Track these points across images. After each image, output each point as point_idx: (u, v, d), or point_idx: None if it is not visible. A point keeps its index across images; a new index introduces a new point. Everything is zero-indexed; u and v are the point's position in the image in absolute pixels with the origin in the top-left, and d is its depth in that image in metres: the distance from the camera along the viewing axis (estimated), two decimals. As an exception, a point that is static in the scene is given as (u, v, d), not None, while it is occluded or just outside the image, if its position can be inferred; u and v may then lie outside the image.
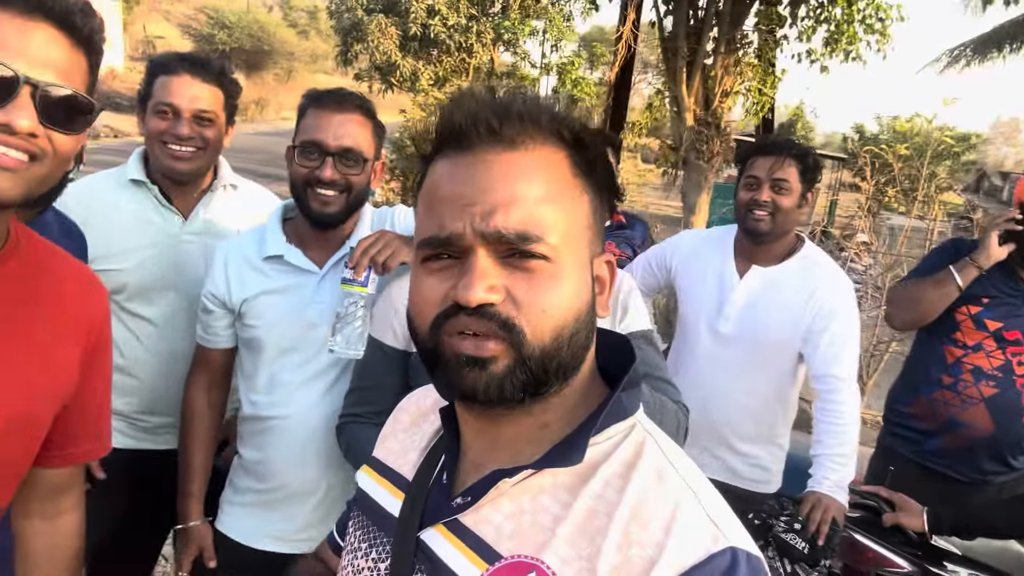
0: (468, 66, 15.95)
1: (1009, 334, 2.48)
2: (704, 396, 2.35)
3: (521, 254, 0.72)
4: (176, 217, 2.00)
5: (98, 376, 1.21)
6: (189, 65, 1.91)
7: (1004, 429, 2.48)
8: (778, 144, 2.36)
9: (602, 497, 0.74)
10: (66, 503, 1.27)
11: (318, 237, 1.76)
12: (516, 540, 0.75)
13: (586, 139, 0.78)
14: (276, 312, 1.74)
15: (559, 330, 0.73)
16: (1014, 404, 2.48)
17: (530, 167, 0.74)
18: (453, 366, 0.73)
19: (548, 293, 0.72)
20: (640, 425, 0.81)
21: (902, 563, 2.27)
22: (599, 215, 0.80)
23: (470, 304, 0.70)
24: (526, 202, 0.72)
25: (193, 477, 1.83)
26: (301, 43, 36.46)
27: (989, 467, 2.53)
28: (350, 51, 16.33)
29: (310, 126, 1.66)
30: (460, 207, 0.73)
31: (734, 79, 5.90)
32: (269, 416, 1.77)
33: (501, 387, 0.72)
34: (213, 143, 1.96)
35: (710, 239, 2.56)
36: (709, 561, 0.68)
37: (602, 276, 0.81)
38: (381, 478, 0.94)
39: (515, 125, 0.74)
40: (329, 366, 1.75)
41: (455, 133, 0.75)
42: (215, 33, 32.69)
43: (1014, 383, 2.48)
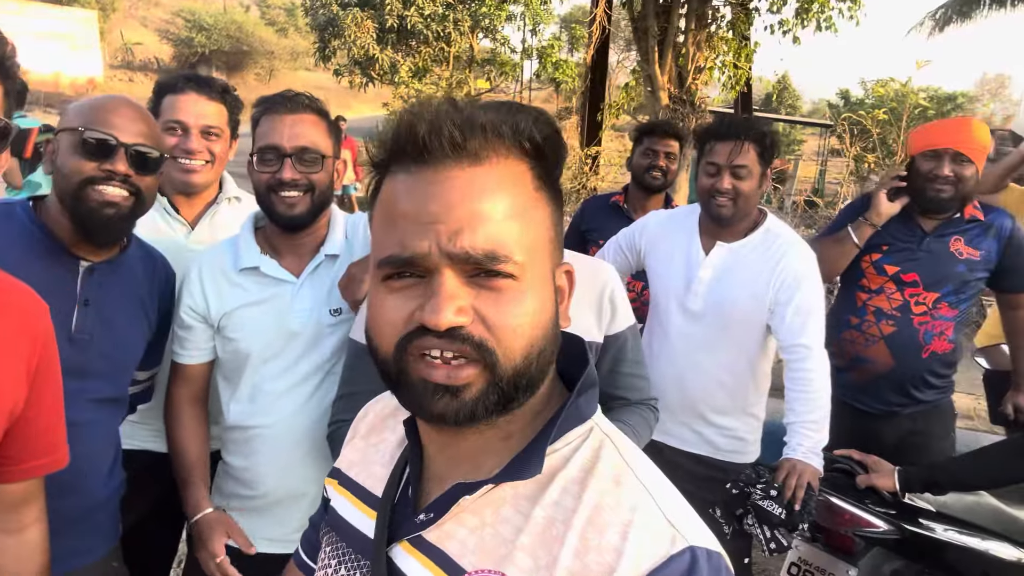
0: (447, 55, 15.89)
1: (906, 276, 2.66)
2: (679, 372, 2.42)
3: (487, 273, 0.70)
4: (183, 227, 2.10)
5: (47, 390, 1.24)
6: (195, 84, 2.05)
7: (903, 363, 2.67)
8: (735, 127, 2.39)
9: (559, 504, 0.74)
10: (28, 517, 1.28)
11: (291, 244, 1.77)
12: (479, 554, 0.75)
13: (546, 149, 0.76)
14: (257, 324, 1.75)
15: (529, 348, 0.72)
16: (912, 340, 2.66)
17: (495, 183, 0.72)
18: (421, 391, 0.72)
19: (516, 312, 0.71)
20: (598, 427, 0.80)
21: (878, 523, 2.33)
22: (558, 225, 0.80)
23: (439, 327, 0.68)
24: (492, 220, 0.70)
25: (192, 469, 1.80)
26: (280, 41, 36.21)
27: (893, 399, 2.72)
28: (328, 47, 16.26)
29: (264, 132, 1.69)
30: (423, 225, 0.70)
31: (707, 55, 5.90)
32: (253, 425, 1.77)
33: (473, 411, 0.71)
34: (220, 156, 2.10)
35: (675, 218, 2.61)
36: (668, 563, 0.67)
37: (562, 286, 0.80)
38: (346, 491, 0.94)
39: (479, 139, 0.71)
40: (311, 373, 1.77)
41: (416, 147, 0.71)
42: (193, 36, 32.47)
43: (911, 321, 2.65)
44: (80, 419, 1.55)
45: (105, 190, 1.52)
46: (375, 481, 0.91)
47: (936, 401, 2.74)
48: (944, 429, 2.78)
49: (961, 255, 2.62)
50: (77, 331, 1.56)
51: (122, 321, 1.66)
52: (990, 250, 2.62)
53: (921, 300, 2.65)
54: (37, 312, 1.23)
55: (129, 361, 1.71)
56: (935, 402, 2.74)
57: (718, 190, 2.33)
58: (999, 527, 2.36)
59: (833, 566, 2.40)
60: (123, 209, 1.55)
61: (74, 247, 1.58)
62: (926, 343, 2.66)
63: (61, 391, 1.29)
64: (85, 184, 1.51)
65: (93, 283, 1.59)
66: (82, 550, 1.63)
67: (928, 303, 2.64)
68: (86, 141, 1.51)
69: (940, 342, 2.67)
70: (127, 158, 1.52)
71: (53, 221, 1.57)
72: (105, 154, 1.51)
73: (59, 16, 26.38)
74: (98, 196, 1.52)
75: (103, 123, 1.52)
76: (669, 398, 2.34)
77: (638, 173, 3.32)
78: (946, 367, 2.73)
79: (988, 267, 2.63)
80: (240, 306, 1.76)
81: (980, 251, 2.62)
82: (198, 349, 1.82)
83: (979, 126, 2.65)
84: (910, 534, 2.31)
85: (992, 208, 2.70)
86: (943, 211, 2.64)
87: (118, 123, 1.53)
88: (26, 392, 1.19)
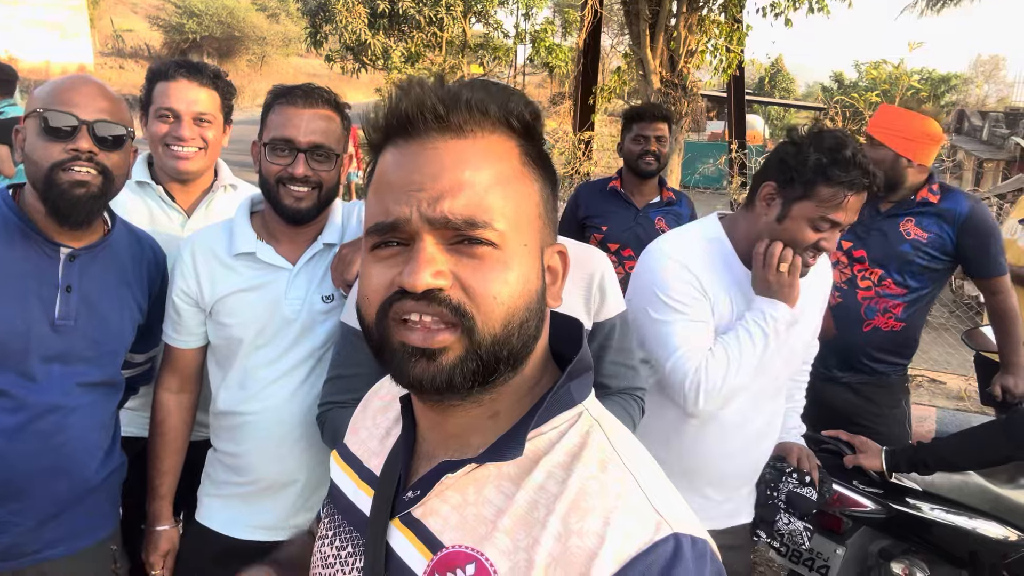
0: (440, 40, 15.79)
1: (856, 252, 2.80)
2: (747, 436, 1.96)
3: (469, 240, 0.71)
4: (179, 215, 2.11)
5: None
6: (186, 71, 2.04)
7: (844, 334, 2.78)
8: None
9: (543, 488, 0.74)
10: None
11: (289, 232, 1.77)
12: (459, 531, 0.75)
13: (535, 130, 0.78)
14: (251, 310, 1.74)
15: (509, 317, 0.72)
16: (854, 313, 2.79)
17: (478, 154, 0.73)
18: (400, 356, 0.73)
19: (497, 280, 0.71)
20: (588, 413, 0.80)
21: (866, 502, 2.36)
22: (550, 205, 0.80)
23: (416, 289, 0.69)
24: (474, 188, 0.71)
25: (164, 480, 1.84)
26: (272, 27, 35.87)
27: (835, 366, 2.85)
28: (319, 33, 16.14)
29: (279, 122, 1.67)
30: (407, 193, 0.72)
31: (699, 38, 5.89)
32: (243, 412, 1.77)
33: (451, 378, 0.72)
34: (213, 143, 2.08)
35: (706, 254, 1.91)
36: (652, 550, 0.67)
37: (554, 266, 0.80)
38: (346, 466, 0.95)
39: (462, 113, 0.73)
40: (302, 360, 1.77)
41: (401, 121, 0.74)
42: (184, 22, 32.16)
43: (855, 295, 2.80)
44: (69, 403, 1.57)
45: (73, 171, 1.51)
46: (370, 455, 0.92)
47: (883, 374, 2.84)
48: (894, 401, 2.88)
49: (908, 235, 2.71)
50: (60, 317, 1.56)
51: (107, 306, 1.66)
52: (941, 234, 2.68)
53: (867, 276, 2.78)
54: None
55: (117, 345, 1.71)
56: (881, 376, 2.84)
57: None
58: (986, 506, 2.39)
59: (821, 546, 2.43)
60: (92, 188, 1.54)
61: (53, 233, 1.57)
62: (868, 317, 2.77)
63: None
64: (54, 168, 1.50)
65: (75, 269, 1.60)
66: (80, 532, 1.64)
67: (873, 279, 2.76)
68: (47, 123, 1.50)
69: (885, 319, 2.76)
70: (90, 136, 1.52)
71: (30, 208, 1.57)
72: (67, 134, 1.50)
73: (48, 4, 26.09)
74: (67, 177, 1.51)
75: (63, 103, 1.52)
76: (732, 474, 1.97)
77: (631, 160, 3.30)
78: (894, 345, 2.81)
79: (942, 251, 2.69)
80: (234, 291, 1.75)
81: (928, 233, 2.70)
82: (190, 334, 1.83)
83: (894, 111, 2.77)
84: (897, 513, 2.34)
85: (950, 192, 2.76)
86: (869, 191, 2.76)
87: (78, 101, 1.52)
88: None
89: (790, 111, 26.22)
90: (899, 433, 2.81)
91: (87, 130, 1.52)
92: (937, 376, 6.29)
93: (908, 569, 2.35)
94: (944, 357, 6.35)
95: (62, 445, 1.56)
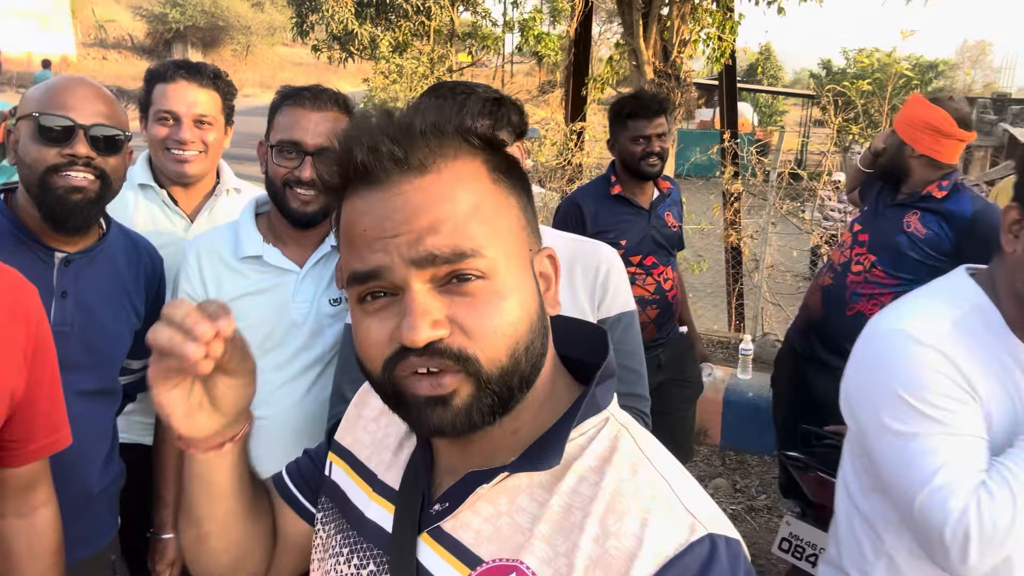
0: (428, 29, 15.68)
1: (862, 236, 2.80)
2: None
3: (459, 278, 0.70)
4: (182, 220, 2.08)
5: (45, 371, 1.26)
6: (185, 72, 2.01)
7: (829, 315, 2.82)
8: None
9: (577, 492, 0.74)
10: (38, 498, 1.31)
11: (296, 235, 1.75)
12: (496, 543, 0.74)
13: (497, 140, 0.76)
14: (259, 313, 1.72)
15: (514, 347, 0.71)
16: (840, 295, 2.79)
17: (448, 187, 0.71)
18: (415, 407, 0.72)
19: (494, 314, 0.70)
20: (613, 418, 0.80)
21: (868, 496, 2.36)
22: (530, 212, 0.79)
23: (417, 345, 0.68)
24: (452, 220, 0.70)
25: (170, 487, 1.83)
26: (257, 16, 35.54)
27: (819, 348, 2.84)
28: (305, 22, 15.99)
29: (286, 124, 1.66)
30: (383, 240, 0.70)
31: (691, 27, 5.86)
32: None
33: (469, 417, 0.71)
34: (214, 145, 2.06)
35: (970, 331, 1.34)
36: (689, 551, 0.68)
37: (546, 272, 0.79)
38: (356, 476, 0.92)
39: (421, 148, 0.70)
40: (311, 364, 1.75)
41: (359, 171, 0.71)
42: (167, 12, 31.84)
43: (845, 278, 2.80)
44: (68, 413, 1.54)
45: (70, 176, 1.48)
46: (384, 468, 0.90)
47: None
48: None
49: (908, 227, 2.70)
50: (57, 324, 1.53)
51: (104, 311, 1.63)
52: (940, 234, 2.63)
53: (861, 260, 2.78)
54: (27, 294, 1.23)
55: (114, 352, 1.68)
56: None
57: None
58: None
59: (824, 540, 2.42)
60: (90, 193, 1.51)
61: (47, 238, 1.54)
62: (852, 302, 2.77)
63: (58, 372, 1.30)
64: (49, 172, 1.47)
65: (70, 274, 1.56)
66: (79, 542, 1.61)
67: (866, 264, 2.77)
68: (44, 127, 1.47)
69: (869, 305, 2.73)
70: (87, 140, 1.49)
71: (23, 212, 1.54)
72: (64, 138, 1.48)
73: (28, -7, 25.75)
74: (63, 182, 1.48)
75: (60, 106, 1.48)
76: None
77: (631, 162, 2.90)
78: None
79: (938, 250, 2.63)
80: (241, 295, 1.73)
81: (928, 230, 2.65)
82: None
83: (912, 101, 2.79)
84: (900, 507, 2.34)
85: (958, 193, 2.66)
86: (883, 178, 2.83)
87: (75, 104, 1.49)
88: (26, 375, 1.20)
89: (779, 99, 26.25)
90: None
91: (84, 134, 1.49)
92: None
93: (911, 563, 2.35)
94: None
95: (61, 455, 1.53)
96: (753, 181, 7.01)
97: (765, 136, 15.18)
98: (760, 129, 19.44)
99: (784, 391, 3.07)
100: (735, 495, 4.18)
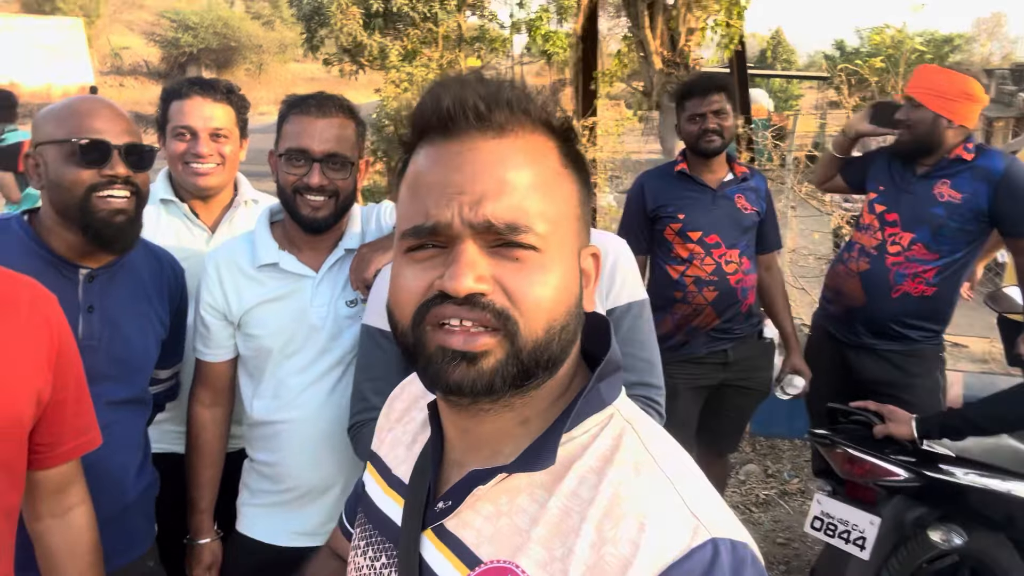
0: (436, 35, 15.74)
1: (889, 216, 2.75)
2: None
3: (510, 244, 0.70)
4: (203, 232, 2.14)
5: (70, 374, 1.30)
6: (199, 88, 2.07)
7: (873, 301, 2.77)
8: None
9: (576, 495, 0.72)
10: (72, 498, 1.36)
11: (310, 241, 1.78)
12: (495, 544, 0.74)
13: (573, 131, 0.77)
14: (278, 320, 1.76)
15: (551, 323, 0.71)
16: (883, 279, 2.74)
17: (519, 154, 0.71)
18: (438, 360, 0.71)
19: (539, 284, 0.70)
20: (619, 414, 0.78)
21: (898, 471, 2.35)
22: (586, 206, 0.79)
23: (459, 293, 0.68)
24: (515, 190, 0.70)
25: (203, 493, 1.86)
26: (268, 34, 35.92)
27: (864, 334, 2.83)
28: (315, 36, 16.12)
29: (294, 132, 1.69)
30: (447, 195, 0.70)
31: (698, 15, 5.84)
32: (277, 420, 1.78)
33: (491, 382, 0.70)
34: (230, 158, 2.11)
35: None
36: (689, 557, 0.65)
37: (587, 269, 0.78)
38: (378, 476, 0.94)
39: (504, 111, 0.71)
40: (333, 366, 1.78)
41: (441, 119, 0.72)
42: (180, 36, 32.26)
43: (884, 260, 2.74)
44: (99, 423, 1.58)
45: (112, 199, 1.53)
46: (398, 462, 0.91)
47: (917, 343, 2.77)
48: (925, 370, 2.80)
49: (942, 197, 2.65)
50: (84, 338, 1.57)
51: (130, 323, 1.67)
52: (976, 192, 2.60)
53: (897, 240, 2.72)
54: (47, 301, 1.28)
55: (142, 362, 1.72)
56: (915, 344, 2.77)
57: None
58: (1020, 467, 2.36)
59: (856, 517, 2.41)
60: (130, 213, 1.57)
61: (73, 255, 1.58)
62: (896, 283, 2.71)
63: (83, 374, 1.34)
64: (89, 193, 1.51)
65: (95, 289, 1.61)
66: (117, 551, 1.65)
67: (903, 243, 2.71)
68: (80, 149, 1.50)
69: (915, 284, 2.69)
70: (122, 159, 1.54)
71: (49, 233, 1.58)
72: (102, 159, 1.52)
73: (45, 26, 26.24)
74: (106, 206, 1.53)
75: (90, 129, 1.52)
76: None
77: (691, 141, 2.92)
78: (925, 311, 2.73)
79: (977, 211, 2.61)
80: (260, 302, 1.77)
81: (963, 194, 2.62)
82: (220, 347, 1.84)
83: (936, 72, 2.70)
84: (930, 480, 2.32)
85: (986, 150, 2.69)
86: (905, 155, 2.77)
87: (104, 127, 1.53)
88: (51, 379, 1.24)
89: (793, 82, 26.00)
90: (930, 403, 2.72)
91: (119, 153, 1.54)
92: (959, 340, 6.23)
93: (945, 535, 2.33)
94: (966, 320, 6.29)
95: (95, 465, 1.57)
96: (770, 166, 6.96)
97: (781, 120, 15.03)
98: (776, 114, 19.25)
99: (825, 380, 2.96)
100: (767, 480, 4.16)
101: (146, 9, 38.63)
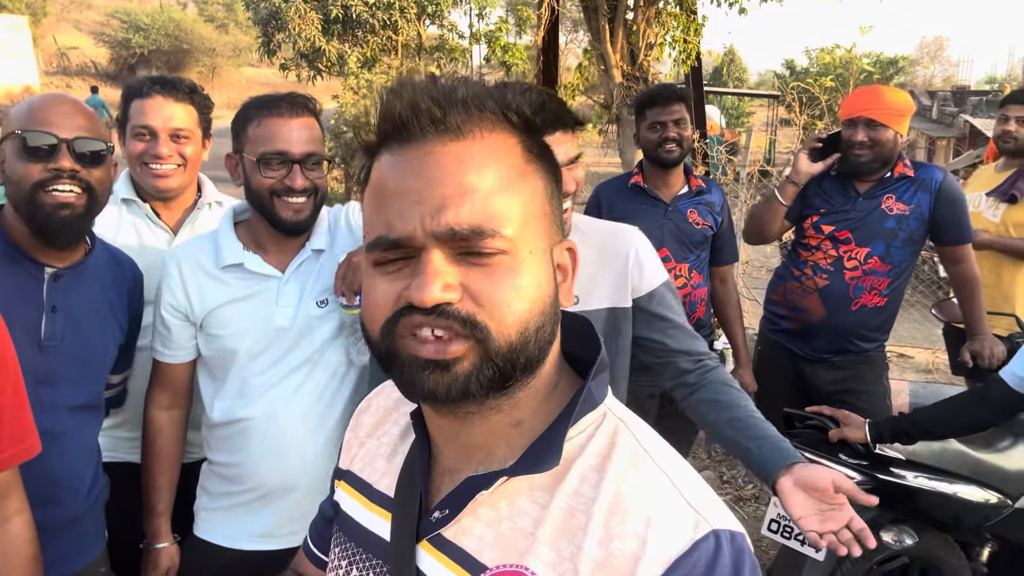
0: (395, 43, 15.71)
1: (840, 235, 2.84)
2: None
3: (476, 251, 0.68)
4: (165, 234, 2.09)
5: (7, 382, 1.25)
6: (160, 87, 2.02)
7: (834, 315, 2.85)
8: None
9: (579, 493, 0.72)
10: (9, 509, 1.30)
11: (279, 242, 1.76)
12: (499, 549, 0.73)
13: (536, 122, 0.74)
14: (242, 320, 1.73)
15: (524, 324, 0.70)
16: (843, 294, 2.83)
17: (479, 156, 0.69)
18: (410, 368, 0.70)
19: (509, 287, 0.69)
20: (611, 412, 0.79)
21: (851, 474, 2.41)
22: (555, 200, 0.77)
23: (425, 304, 0.67)
24: (478, 194, 0.68)
25: (161, 497, 1.83)
26: (221, 37, 35.29)
27: (824, 347, 2.91)
28: (272, 41, 15.93)
29: (267, 136, 1.65)
30: (408, 204, 0.69)
31: (657, 30, 5.95)
32: (240, 418, 1.75)
33: (466, 386, 0.69)
34: (192, 159, 2.06)
35: None
36: (694, 549, 0.67)
37: (563, 264, 0.77)
38: (353, 490, 0.91)
39: (460, 113, 0.69)
40: (299, 365, 1.76)
41: (396, 126, 0.70)
42: (131, 37, 31.54)
43: (843, 276, 2.83)
44: (57, 429, 1.54)
45: (57, 193, 1.50)
46: (379, 476, 0.89)
47: (868, 351, 2.91)
48: (875, 377, 2.94)
49: (892, 211, 2.79)
50: (47, 338, 1.54)
51: (91, 326, 1.64)
52: (920, 203, 2.78)
53: (853, 256, 2.82)
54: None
55: (102, 366, 1.69)
56: (867, 353, 2.91)
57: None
58: (966, 470, 2.46)
59: (812, 520, 2.47)
60: (78, 208, 1.53)
61: (37, 253, 1.55)
62: (856, 296, 2.83)
63: (21, 382, 1.29)
64: (36, 188, 1.49)
65: (59, 289, 1.58)
66: (68, 557, 1.61)
67: (860, 258, 2.81)
68: (26, 143, 1.49)
69: (871, 296, 2.83)
70: (71, 154, 1.52)
71: (12, 228, 1.55)
72: (48, 153, 1.50)
73: (-12, 24, 25.39)
74: (51, 200, 1.50)
75: (41, 122, 1.51)
76: None
77: (650, 150, 2.94)
78: (879, 320, 2.88)
79: (920, 219, 2.78)
80: (224, 303, 1.74)
81: (910, 205, 2.78)
82: (181, 348, 1.81)
83: (890, 92, 2.82)
84: (882, 483, 2.39)
85: (922, 164, 2.88)
86: (865, 174, 2.82)
87: (55, 120, 1.52)
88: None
89: (744, 100, 26.59)
90: (881, 409, 2.87)
91: (67, 148, 1.51)
92: (905, 351, 6.45)
93: (897, 536, 2.41)
94: (910, 332, 6.50)
95: (51, 472, 1.53)
96: (724, 180, 7.11)
97: (733, 137, 15.38)
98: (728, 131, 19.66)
99: (778, 389, 3.03)
100: (722, 486, 4.23)
101: (95, 9, 37.68)
